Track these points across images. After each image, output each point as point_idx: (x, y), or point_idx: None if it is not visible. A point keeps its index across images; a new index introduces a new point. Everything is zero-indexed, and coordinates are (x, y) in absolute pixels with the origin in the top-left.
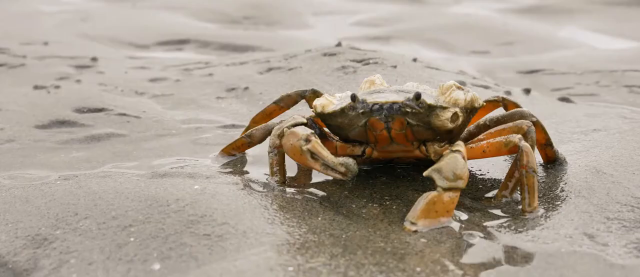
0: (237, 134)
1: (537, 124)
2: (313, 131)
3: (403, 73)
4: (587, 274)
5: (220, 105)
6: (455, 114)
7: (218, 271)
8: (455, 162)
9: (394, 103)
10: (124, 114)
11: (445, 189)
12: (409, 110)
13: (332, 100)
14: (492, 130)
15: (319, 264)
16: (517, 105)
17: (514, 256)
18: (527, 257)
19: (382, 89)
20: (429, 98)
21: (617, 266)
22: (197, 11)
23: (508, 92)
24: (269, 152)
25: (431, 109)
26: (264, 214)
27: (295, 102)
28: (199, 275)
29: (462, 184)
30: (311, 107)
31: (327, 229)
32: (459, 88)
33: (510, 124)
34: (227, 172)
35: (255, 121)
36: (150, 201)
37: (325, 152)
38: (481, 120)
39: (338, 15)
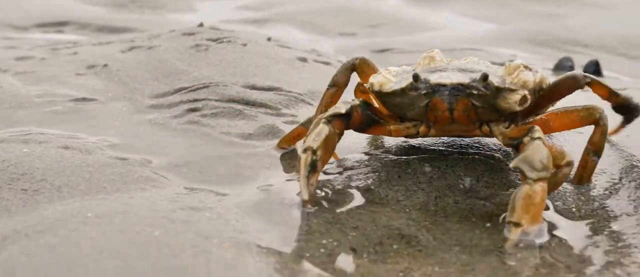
0: (85, 107)
1: (593, 81)
2: (315, 155)
3: (251, 50)
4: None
5: (77, 81)
6: (524, 97)
7: (25, 219)
8: (540, 151)
9: (459, 84)
10: None
11: (536, 180)
12: (475, 92)
13: (390, 78)
14: (559, 110)
15: (118, 212)
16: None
17: None
18: None
19: (444, 66)
20: (495, 78)
21: None
22: None
23: None
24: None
25: (498, 91)
26: (83, 172)
27: (348, 77)
28: (7, 223)
29: (549, 173)
30: (360, 77)
31: (139, 185)
32: (526, 68)
33: (581, 107)
34: (68, 138)
35: (320, 111)
36: None
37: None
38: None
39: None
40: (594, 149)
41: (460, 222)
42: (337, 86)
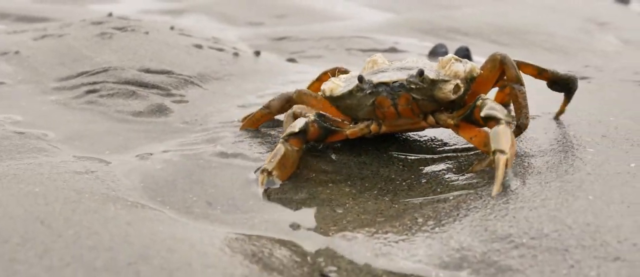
0: None
1: (521, 64)
2: (270, 176)
3: (152, 38)
4: None
5: None
6: (456, 85)
7: None
8: (498, 104)
9: (398, 81)
10: None
11: (507, 122)
12: (413, 86)
13: (339, 83)
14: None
15: (7, 175)
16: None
17: None
18: None
19: (385, 67)
20: (430, 73)
21: None
22: None
23: (236, 53)
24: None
25: (434, 83)
26: None
27: (283, 107)
28: None
29: (511, 119)
30: (300, 103)
31: (32, 154)
32: (457, 61)
33: (486, 64)
34: None
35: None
36: None
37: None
38: None
39: None
40: (515, 81)
41: (307, 181)
42: (269, 109)
